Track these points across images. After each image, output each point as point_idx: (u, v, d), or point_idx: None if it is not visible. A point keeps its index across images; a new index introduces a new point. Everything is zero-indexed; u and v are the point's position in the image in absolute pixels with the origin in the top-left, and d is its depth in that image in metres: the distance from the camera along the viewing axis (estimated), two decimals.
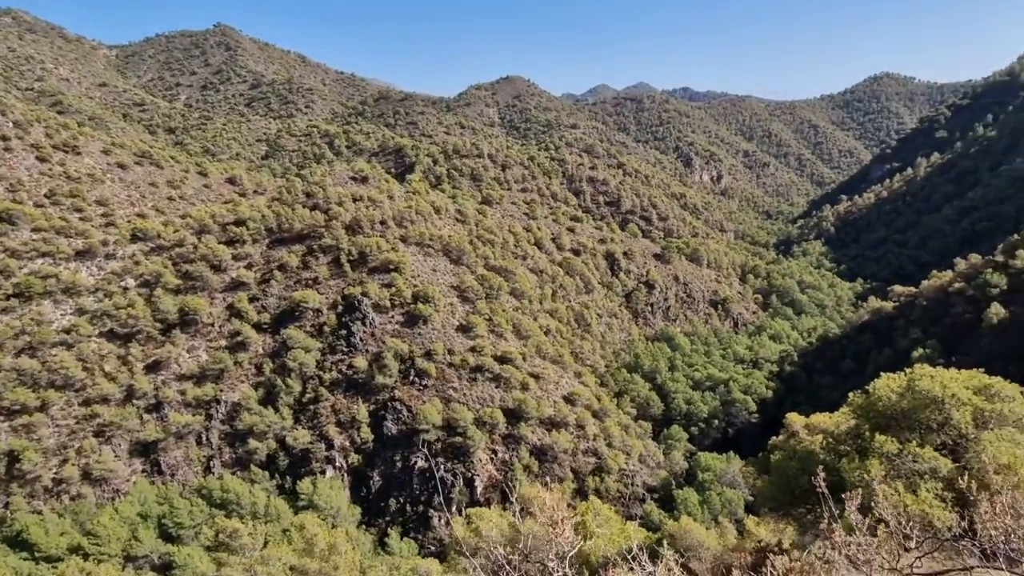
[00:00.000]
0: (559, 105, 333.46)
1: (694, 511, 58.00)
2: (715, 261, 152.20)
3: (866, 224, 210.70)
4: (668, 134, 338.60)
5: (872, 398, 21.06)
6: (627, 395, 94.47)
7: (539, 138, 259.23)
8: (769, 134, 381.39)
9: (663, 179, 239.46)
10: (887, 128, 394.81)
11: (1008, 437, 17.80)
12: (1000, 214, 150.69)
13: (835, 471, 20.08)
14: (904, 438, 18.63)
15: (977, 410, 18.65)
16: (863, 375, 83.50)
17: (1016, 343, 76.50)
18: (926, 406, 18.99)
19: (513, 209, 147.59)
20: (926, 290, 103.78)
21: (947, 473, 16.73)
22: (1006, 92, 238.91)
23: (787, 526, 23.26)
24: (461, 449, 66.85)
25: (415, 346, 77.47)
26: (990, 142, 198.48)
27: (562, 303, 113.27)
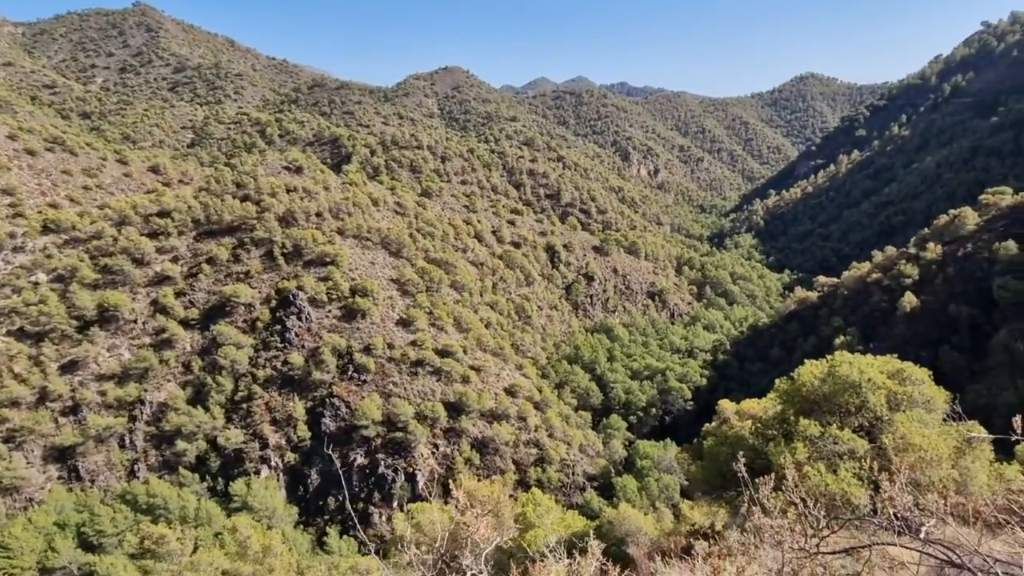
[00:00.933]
0: (499, 97, 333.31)
1: (633, 498, 59.47)
2: (652, 253, 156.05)
3: (793, 218, 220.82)
4: (607, 128, 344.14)
5: (797, 384, 22.05)
6: (568, 386, 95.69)
7: (479, 130, 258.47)
8: (703, 130, 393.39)
9: (602, 173, 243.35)
10: (812, 126, 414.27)
11: (917, 418, 19.08)
12: (913, 209, 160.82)
13: (763, 455, 21.02)
14: (826, 421, 19.63)
15: (891, 393, 19.86)
16: (790, 362, 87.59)
17: (926, 329, 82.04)
18: (845, 391, 20.02)
19: (453, 201, 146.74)
20: (847, 281, 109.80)
21: (864, 453, 17.76)
22: (918, 94, 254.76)
23: (719, 509, 24.19)
24: (402, 444, 66.21)
25: (353, 341, 76.05)
26: (904, 141, 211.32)
27: (503, 296, 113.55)
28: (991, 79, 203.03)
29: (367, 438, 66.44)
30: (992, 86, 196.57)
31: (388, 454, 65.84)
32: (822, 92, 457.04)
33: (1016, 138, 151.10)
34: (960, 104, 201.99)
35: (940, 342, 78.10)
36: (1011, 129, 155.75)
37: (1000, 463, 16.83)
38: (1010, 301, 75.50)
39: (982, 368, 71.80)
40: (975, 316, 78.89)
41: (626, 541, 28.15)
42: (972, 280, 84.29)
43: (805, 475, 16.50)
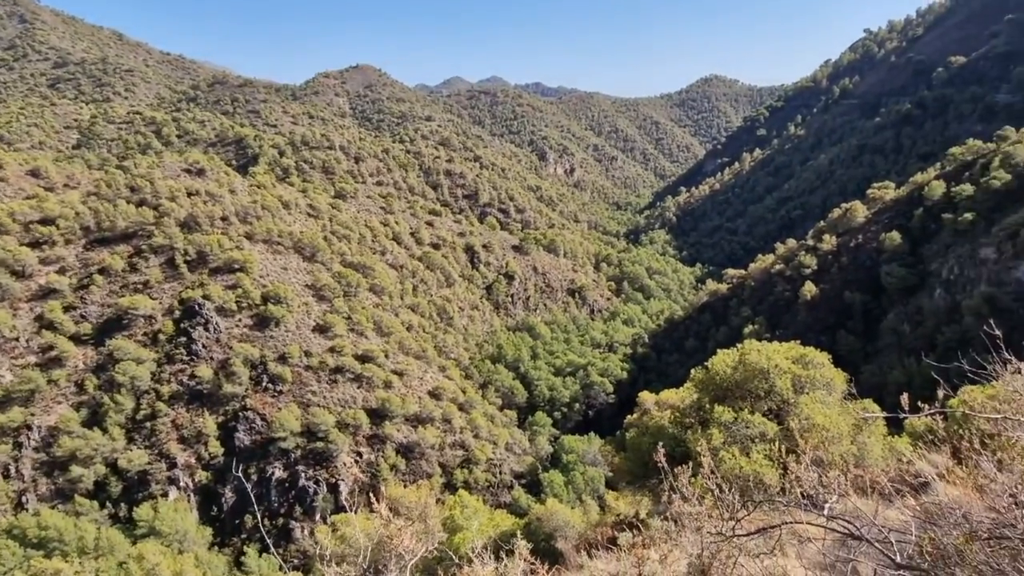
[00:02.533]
0: (413, 96, 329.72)
1: (560, 492, 60.43)
2: (571, 251, 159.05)
3: (703, 214, 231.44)
4: (523, 128, 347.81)
5: (711, 373, 22.92)
6: (492, 386, 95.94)
7: (393, 130, 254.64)
8: (616, 129, 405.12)
9: (519, 172, 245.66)
10: (717, 126, 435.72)
11: (819, 399, 20.34)
12: (810, 203, 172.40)
13: (682, 442, 21.79)
14: (738, 407, 20.53)
15: (795, 377, 21.00)
16: (704, 352, 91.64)
17: (824, 315, 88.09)
18: (755, 377, 20.99)
19: (369, 203, 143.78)
20: (753, 272, 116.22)
21: (774, 435, 18.73)
22: (811, 96, 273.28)
23: (643, 498, 24.87)
24: (323, 454, 64.18)
25: (267, 350, 72.97)
26: (800, 140, 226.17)
27: (424, 298, 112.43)
28: (873, 82, 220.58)
29: (286, 450, 63.93)
30: (875, 88, 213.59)
31: (309, 465, 63.63)
32: (725, 93, 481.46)
33: (897, 137, 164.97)
34: (848, 105, 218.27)
35: (837, 327, 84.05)
36: (892, 129, 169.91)
37: (892, 437, 18.18)
38: (896, 287, 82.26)
39: (874, 350, 77.85)
40: (867, 302, 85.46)
41: (554, 536, 28.47)
42: (863, 268, 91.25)
43: (721, 460, 17.21)
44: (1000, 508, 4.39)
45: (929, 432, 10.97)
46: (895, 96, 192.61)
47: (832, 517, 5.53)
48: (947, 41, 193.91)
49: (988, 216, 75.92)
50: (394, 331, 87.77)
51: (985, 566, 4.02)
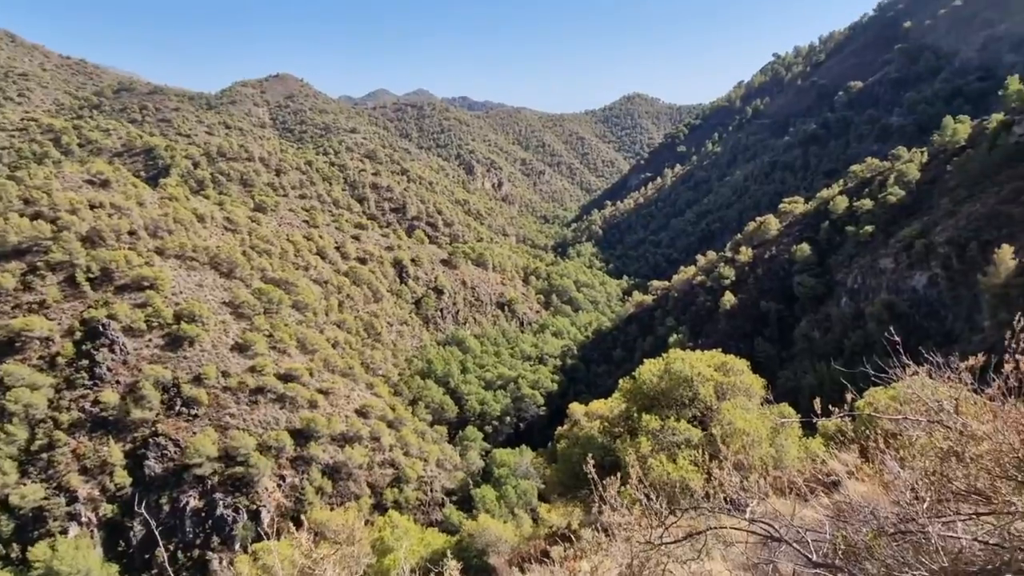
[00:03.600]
0: (337, 108, 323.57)
1: (492, 507, 60.07)
2: (500, 264, 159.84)
3: (628, 227, 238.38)
4: (450, 141, 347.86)
5: (638, 383, 23.50)
6: (422, 401, 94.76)
7: (317, 142, 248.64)
8: (543, 144, 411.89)
9: (447, 186, 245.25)
10: (640, 142, 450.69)
11: (740, 405, 21.24)
12: (727, 217, 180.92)
13: (612, 452, 22.17)
14: (665, 415, 21.13)
15: (718, 384, 21.85)
16: (632, 361, 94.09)
17: (742, 324, 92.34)
18: (680, 385, 21.68)
19: (291, 217, 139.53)
20: (677, 284, 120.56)
21: (698, 441, 19.35)
22: (726, 115, 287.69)
23: (575, 508, 25.09)
24: (243, 480, 61.19)
25: (181, 372, 69.12)
26: (717, 157, 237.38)
27: (350, 314, 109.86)
28: (782, 104, 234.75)
29: (201, 477, 60.54)
30: (783, 109, 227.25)
31: (227, 492, 60.48)
32: (647, 111, 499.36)
33: (804, 154, 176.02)
34: (760, 125, 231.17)
35: (755, 334, 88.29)
36: (800, 147, 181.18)
37: (807, 438, 19.16)
38: (807, 296, 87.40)
39: (789, 355, 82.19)
40: (781, 310, 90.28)
41: (487, 552, 28.27)
42: (777, 278, 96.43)
43: (650, 467, 17.59)
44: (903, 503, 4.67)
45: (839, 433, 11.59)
46: (802, 117, 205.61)
47: (753, 520, 5.72)
48: (846, 67, 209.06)
49: (886, 229, 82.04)
50: (319, 348, 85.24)
51: (892, 559, 4.25)
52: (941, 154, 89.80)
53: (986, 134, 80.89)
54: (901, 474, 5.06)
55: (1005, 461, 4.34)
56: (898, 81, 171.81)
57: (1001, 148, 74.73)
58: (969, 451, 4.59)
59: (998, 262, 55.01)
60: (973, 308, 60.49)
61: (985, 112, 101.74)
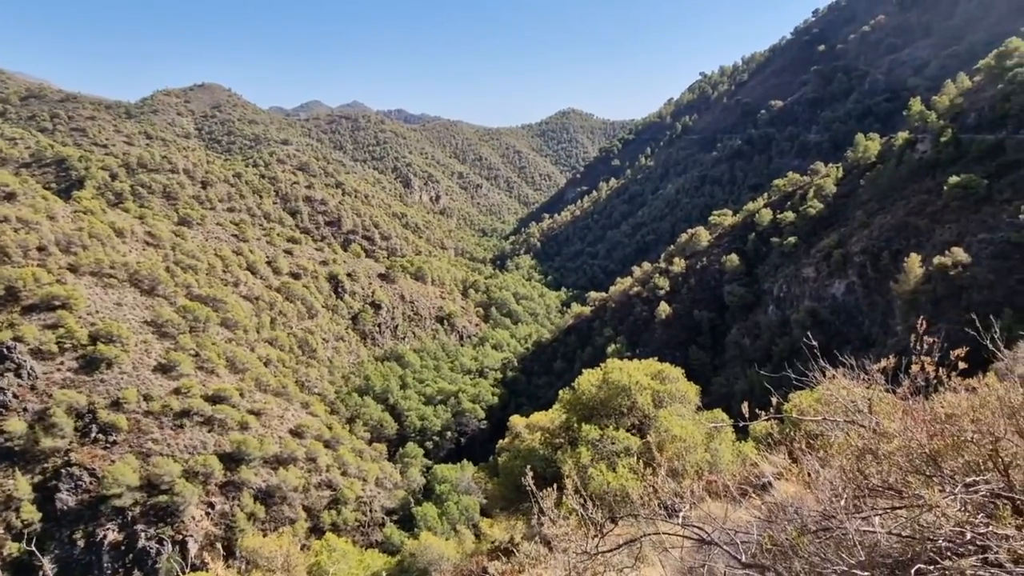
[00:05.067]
0: (267, 119, 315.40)
1: (433, 525, 59.21)
2: (439, 278, 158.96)
3: (565, 239, 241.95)
4: (386, 154, 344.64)
5: (578, 393, 23.80)
6: (360, 419, 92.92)
7: (246, 153, 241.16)
8: (480, 158, 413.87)
9: (384, 199, 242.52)
10: (576, 156, 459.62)
11: (676, 412, 21.81)
12: (661, 228, 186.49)
13: (553, 463, 22.29)
14: (604, 424, 21.45)
15: (655, 393, 22.38)
16: (572, 372, 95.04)
17: (678, 332, 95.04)
18: (618, 394, 22.08)
19: (219, 231, 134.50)
20: (614, 295, 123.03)
21: (637, 449, 19.71)
22: (658, 130, 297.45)
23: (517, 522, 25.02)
24: (168, 509, 57.97)
25: (97, 396, 65.10)
26: (650, 171, 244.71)
27: (283, 331, 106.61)
28: (710, 120, 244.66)
29: (121, 509, 56.97)
30: (711, 126, 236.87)
31: (150, 523, 57.13)
32: (582, 126, 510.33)
33: (731, 169, 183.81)
34: (689, 140, 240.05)
35: (689, 343, 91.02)
36: (727, 162, 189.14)
37: (740, 442, 19.83)
38: (737, 304, 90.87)
39: (721, 362, 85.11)
40: (713, 319, 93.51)
41: (429, 571, 27.81)
42: (709, 288, 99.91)
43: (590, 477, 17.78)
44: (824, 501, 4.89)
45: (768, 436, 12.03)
46: (728, 133, 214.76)
47: (686, 524, 5.84)
48: (767, 87, 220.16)
49: (807, 240, 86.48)
50: (250, 367, 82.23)
51: (815, 556, 4.43)
52: (855, 169, 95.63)
53: (893, 151, 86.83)
54: (822, 473, 5.30)
55: (914, 456, 4.60)
56: (815, 101, 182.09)
57: (907, 164, 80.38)
58: (883, 448, 4.85)
59: (908, 270, 58.94)
60: (887, 313, 64.45)
61: (892, 130, 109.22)
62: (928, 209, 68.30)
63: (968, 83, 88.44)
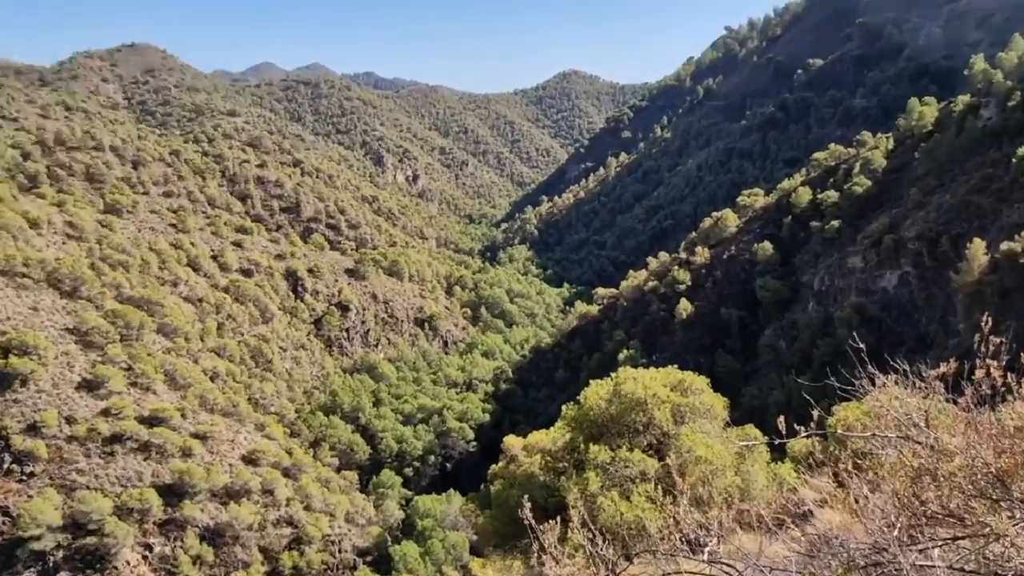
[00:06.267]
0: (211, 85, 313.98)
1: (415, 567, 59.44)
2: (418, 273, 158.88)
3: (568, 225, 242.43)
4: (353, 126, 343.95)
5: (584, 408, 23.90)
6: (325, 443, 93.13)
7: (185, 127, 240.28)
8: (465, 130, 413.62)
9: (351, 180, 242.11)
10: (579, 127, 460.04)
11: (700, 428, 21.93)
12: (680, 212, 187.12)
13: (556, 491, 22.39)
14: (616, 445, 21.55)
15: (675, 407, 22.51)
16: (577, 383, 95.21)
17: (701, 335, 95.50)
18: (632, 409, 22.18)
19: (154, 220, 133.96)
20: (625, 291, 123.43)
21: (655, 473, 19.80)
22: (676, 96, 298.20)
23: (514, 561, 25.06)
24: (97, 553, 57.86)
25: (9, 419, 64.82)
26: (667, 143, 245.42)
27: (232, 338, 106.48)
28: (737, 83, 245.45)
29: (41, 553, 56.83)
30: (739, 89, 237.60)
31: (75, 570, 57.04)
32: (586, 91, 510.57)
33: (763, 140, 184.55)
34: (713, 107, 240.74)
35: (715, 346, 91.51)
36: (758, 132, 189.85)
37: (775, 463, 19.96)
38: (771, 301, 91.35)
39: (753, 369, 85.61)
40: (744, 317, 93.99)
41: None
42: (738, 282, 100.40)
43: (600, 507, 17.86)
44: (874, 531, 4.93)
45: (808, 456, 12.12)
46: (759, 98, 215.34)
47: (714, 561, 5.89)
48: (804, 43, 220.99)
49: (853, 223, 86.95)
50: (194, 382, 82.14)
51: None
52: (908, 139, 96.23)
53: (953, 117, 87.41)
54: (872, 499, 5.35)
55: (979, 478, 4.65)
56: (860, 59, 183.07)
57: (969, 133, 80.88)
58: (942, 469, 4.90)
59: (970, 258, 59.28)
60: (948, 309, 64.94)
61: (951, 93, 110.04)
62: (994, 186, 68.78)
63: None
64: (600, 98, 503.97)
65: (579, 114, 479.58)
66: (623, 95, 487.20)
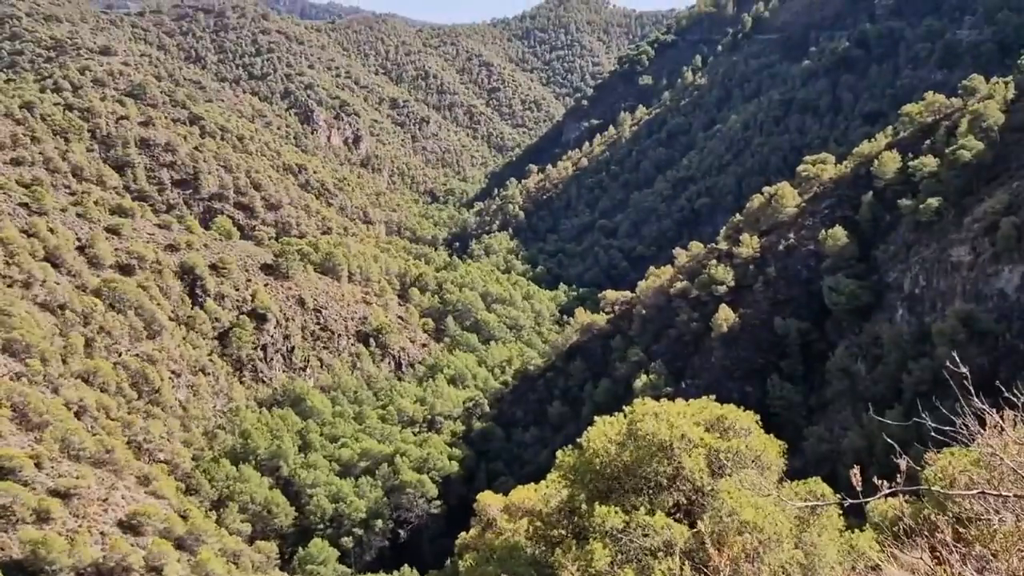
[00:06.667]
0: (77, 13, 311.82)
1: None
2: (360, 271, 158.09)
3: (565, 205, 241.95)
4: (272, 69, 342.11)
5: (587, 455, 23.74)
6: (234, 502, 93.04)
7: (42, 70, 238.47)
8: (426, 74, 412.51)
9: (269, 143, 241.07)
10: (581, 70, 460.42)
11: (749, 481, 21.83)
12: (720, 186, 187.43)
13: (548, 568, 22.31)
14: (631, 504, 21.41)
15: (712, 452, 22.43)
16: (578, 420, 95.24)
17: (748, 355, 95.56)
18: (653, 455, 22.00)
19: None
20: (644, 294, 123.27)
21: (684, 545, 19.70)
22: (713, 27, 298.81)
23: None
24: None
25: None
26: (701, 92, 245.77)
27: (106, 359, 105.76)
28: (798, 9, 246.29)
29: None
30: (799, 18, 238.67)
31: None
32: (590, 21, 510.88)
33: (833, 88, 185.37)
34: (764, 42, 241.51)
35: (768, 370, 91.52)
36: (826, 76, 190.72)
37: (851, 531, 20.01)
38: (845, 307, 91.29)
39: (821, 401, 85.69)
40: (806, 331, 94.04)
41: None
42: (798, 282, 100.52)
43: None
44: None
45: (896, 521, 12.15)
46: (827, 30, 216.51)
47: None
48: None
49: (958, 202, 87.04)
50: (52, 420, 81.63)
51: None
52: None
53: None
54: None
55: None
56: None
57: None
58: None
59: None
60: None
61: None
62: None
63: None
64: (609, 31, 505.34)
65: (580, 53, 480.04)
66: (641, 26, 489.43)
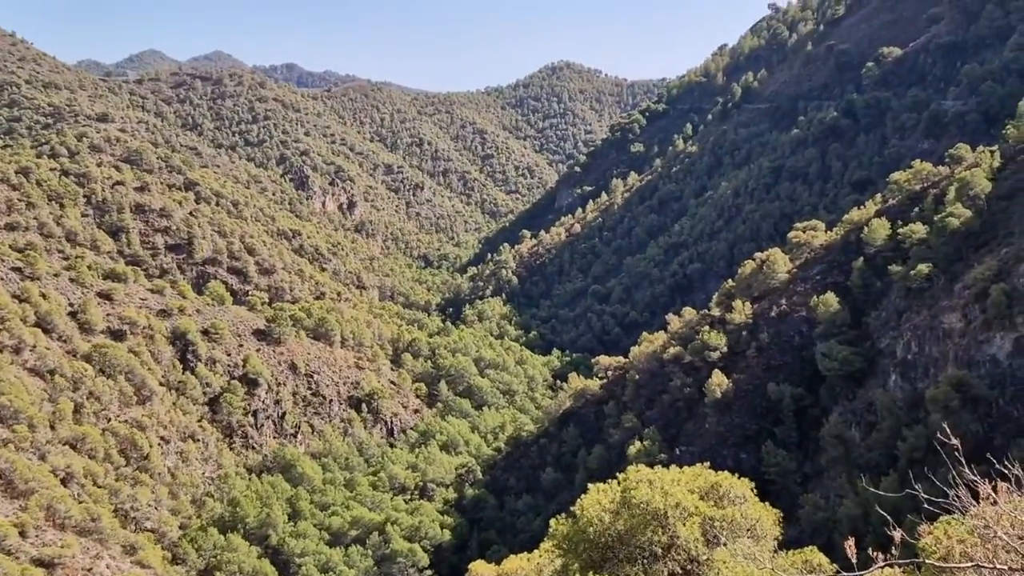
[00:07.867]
0: (75, 81, 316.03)
1: None
2: (353, 336, 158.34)
3: (558, 270, 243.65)
4: (268, 136, 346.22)
5: (581, 523, 23.59)
6: (221, 572, 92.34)
7: (39, 136, 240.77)
8: (420, 140, 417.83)
9: (264, 208, 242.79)
10: (573, 138, 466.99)
11: (743, 551, 21.64)
12: (712, 252, 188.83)
13: None
14: (625, 574, 21.25)
15: (706, 521, 22.27)
16: (572, 487, 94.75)
17: (742, 421, 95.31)
18: (647, 524, 21.87)
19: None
20: (637, 359, 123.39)
21: None
22: (703, 97, 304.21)
23: None
24: None
25: None
26: (692, 160, 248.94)
27: (95, 425, 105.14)
28: (786, 79, 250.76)
29: None
30: (788, 88, 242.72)
31: None
32: (582, 90, 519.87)
33: (822, 156, 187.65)
34: (754, 111, 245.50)
35: (762, 436, 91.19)
36: (815, 144, 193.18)
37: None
38: (838, 373, 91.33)
39: (816, 469, 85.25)
40: (800, 397, 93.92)
41: None
42: (791, 348, 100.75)
43: None
44: None
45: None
46: (815, 100, 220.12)
47: None
48: (876, 26, 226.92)
49: (947, 268, 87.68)
50: (38, 487, 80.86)
51: None
52: (1020, 155, 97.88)
53: None
54: None
55: None
56: (951, 48, 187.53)
57: None
58: None
59: None
60: None
61: None
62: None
63: None
64: (601, 99, 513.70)
65: (573, 121, 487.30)
66: (632, 95, 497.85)
